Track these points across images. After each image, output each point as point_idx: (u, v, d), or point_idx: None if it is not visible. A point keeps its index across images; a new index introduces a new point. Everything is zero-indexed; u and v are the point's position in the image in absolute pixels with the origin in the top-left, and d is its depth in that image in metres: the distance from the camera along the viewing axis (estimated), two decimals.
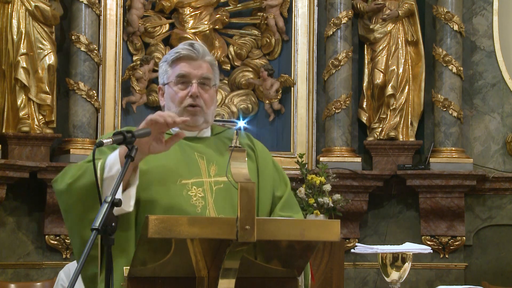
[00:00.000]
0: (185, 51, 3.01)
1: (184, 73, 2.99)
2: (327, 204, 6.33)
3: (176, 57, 3.02)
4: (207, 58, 3.04)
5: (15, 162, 6.21)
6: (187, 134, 3.01)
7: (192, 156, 2.96)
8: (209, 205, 2.88)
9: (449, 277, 7.02)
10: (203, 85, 3.00)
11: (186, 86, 2.99)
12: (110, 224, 2.39)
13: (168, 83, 3.03)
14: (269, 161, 3.12)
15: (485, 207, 7.11)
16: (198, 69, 3.00)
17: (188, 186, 2.88)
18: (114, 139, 2.59)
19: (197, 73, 3.00)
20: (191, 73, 2.99)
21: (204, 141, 3.04)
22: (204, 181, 2.92)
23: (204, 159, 2.97)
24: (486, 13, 7.24)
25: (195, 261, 2.51)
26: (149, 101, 7.06)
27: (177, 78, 3.00)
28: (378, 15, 7.15)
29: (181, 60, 3.01)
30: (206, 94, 3.01)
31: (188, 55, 3.00)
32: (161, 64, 3.08)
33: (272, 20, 7.25)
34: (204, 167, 2.95)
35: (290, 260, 2.62)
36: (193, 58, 3.01)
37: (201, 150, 3.00)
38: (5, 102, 6.40)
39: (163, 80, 3.07)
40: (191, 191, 2.88)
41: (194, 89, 2.97)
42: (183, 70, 3.00)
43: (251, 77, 7.31)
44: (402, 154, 7.06)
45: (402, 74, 7.11)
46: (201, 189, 2.90)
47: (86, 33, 6.63)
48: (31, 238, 6.52)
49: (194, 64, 3.00)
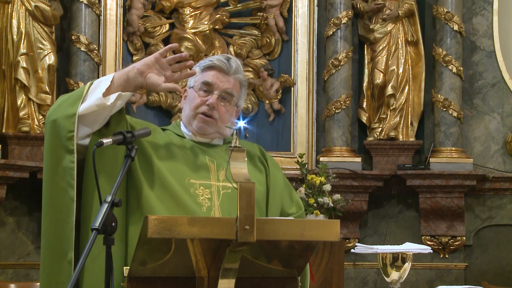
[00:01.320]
0: (219, 62, 3.03)
1: (210, 81, 3.01)
2: (327, 204, 6.33)
3: (208, 65, 3.04)
4: (238, 76, 3.05)
5: (15, 162, 6.21)
6: (200, 140, 3.05)
7: (203, 160, 2.98)
8: (214, 206, 2.89)
9: (449, 277, 7.02)
10: (223, 99, 3.01)
11: (207, 94, 3.00)
12: (110, 224, 2.39)
13: (193, 86, 3.05)
14: (280, 178, 3.14)
15: (485, 207, 7.11)
16: (225, 83, 3.01)
17: (196, 185, 2.90)
18: (114, 139, 2.60)
19: (222, 86, 3.01)
20: (215, 83, 3.00)
21: (216, 148, 3.06)
22: (212, 184, 2.94)
23: (214, 163, 2.99)
24: (486, 13, 7.24)
25: (195, 261, 2.52)
26: (149, 101, 7.06)
27: (201, 84, 3.01)
28: (378, 15, 7.15)
29: (212, 69, 3.03)
30: (224, 109, 3.01)
31: (220, 67, 3.02)
32: (195, 68, 3.09)
33: (272, 20, 7.25)
34: (213, 171, 2.97)
35: (290, 260, 2.62)
36: (224, 71, 3.02)
37: (212, 155, 3.01)
38: (5, 102, 6.41)
39: (190, 83, 3.08)
40: (198, 191, 2.90)
41: (212, 100, 2.98)
42: (210, 79, 3.01)
43: (251, 77, 7.31)
44: (402, 154, 7.07)
45: (402, 74, 7.11)
46: (208, 191, 2.91)
47: (86, 33, 6.63)
48: (31, 238, 6.53)
49: (222, 77, 3.02)
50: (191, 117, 3.01)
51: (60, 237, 2.79)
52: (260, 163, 3.11)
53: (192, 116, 3.00)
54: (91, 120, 2.80)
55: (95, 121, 2.81)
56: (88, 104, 2.79)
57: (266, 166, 3.11)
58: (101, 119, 2.82)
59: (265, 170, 3.10)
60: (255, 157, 3.12)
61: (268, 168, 3.11)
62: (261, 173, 3.08)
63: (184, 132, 3.06)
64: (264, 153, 3.16)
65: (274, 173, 3.11)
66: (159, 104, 7.12)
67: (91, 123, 2.81)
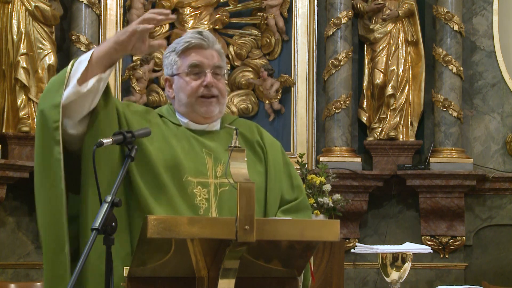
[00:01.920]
0: (195, 39, 2.92)
1: (197, 62, 2.91)
2: (327, 204, 6.33)
3: (186, 47, 2.93)
4: (216, 47, 2.96)
5: (15, 162, 6.21)
6: (196, 127, 2.97)
7: (200, 153, 2.91)
8: (211, 208, 2.87)
9: (449, 277, 7.01)
10: (216, 74, 2.93)
11: (198, 76, 2.91)
12: (110, 224, 2.39)
13: (178, 73, 2.94)
14: (279, 160, 3.05)
15: (485, 207, 7.11)
16: (211, 58, 2.92)
17: (193, 184, 2.85)
18: (114, 139, 2.59)
19: (210, 62, 2.92)
20: (204, 62, 2.91)
21: (213, 135, 2.98)
22: (210, 182, 2.88)
23: (211, 157, 2.92)
24: (486, 13, 7.24)
25: (195, 261, 2.51)
26: (149, 101, 7.06)
27: (189, 68, 2.92)
28: (378, 15, 7.15)
29: (191, 50, 2.93)
30: (220, 83, 2.93)
31: (199, 44, 2.92)
32: (168, 54, 2.98)
33: (272, 20, 7.25)
34: (211, 167, 2.90)
35: (290, 260, 2.62)
36: (204, 47, 2.93)
37: (210, 146, 2.93)
38: (5, 102, 6.41)
39: (171, 70, 2.96)
40: (196, 190, 2.85)
41: (210, 79, 2.90)
42: (196, 60, 2.91)
43: (251, 77, 7.31)
44: (402, 154, 7.06)
45: (402, 74, 7.11)
46: (206, 190, 2.86)
47: (86, 33, 6.63)
48: (31, 238, 6.53)
49: (205, 53, 2.92)
50: (192, 104, 2.92)
51: (55, 230, 2.70)
52: (259, 148, 3.03)
53: (193, 102, 2.91)
54: (76, 107, 2.72)
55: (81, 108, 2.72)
56: (67, 92, 2.72)
57: (264, 149, 3.03)
58: (86, 106, 2.73)
59: (264, 156, 3.02)
60: (254, 142, 3.03)
61: (266, 152, 3.02)
62: (260, 162, 3.00)
63: (180, 120, 2.98)
64: (262, 133, 3.07)
65: (272, 156, 3.03)
66: (159, 104, 7.12)
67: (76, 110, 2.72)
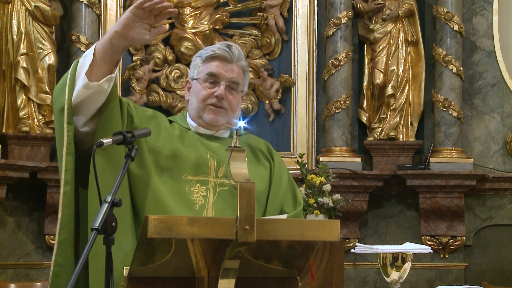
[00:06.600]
0: (221, 51, 3.00)
1: (215, 72, 2.99)
2: (327, 204, 6.33)
3: (211, 55, 3.01)
4: (241, 63, 3.04)
5: (15, 162, 6.21)
6: (205, 132, 3.03)
7: (204, 155, 2.97)
8: (208, 204, 2.89)
9: (449, 277, 7.02)
10: (230, 89, 3.00)
11: (213, 86, 2.99)
12: (110, 224, 2.39)
13: (197, 78, 3.02)
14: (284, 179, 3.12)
15: (485, 207, 7.11)
16: (230, 72, 3.00)
17: (193, 182, 2.90)
18: (114, 139, 2.60)
19: (228, 75, 2.99)
20: (221, 74, 2.99)
21: (220, 140, 3.04)
22: (210, 181, 2.93)
23: (215, 159, 2.97)
24: (486, 13, 7.24)
25: (195, 261, 2.51)
26: (149, 101, 7.06)
27: (206, 76, 3.00)
28: (378, 15, 7.15)
29: (215, 59, 3.00)
30: (232, 98, 3.00)
31: (223, 56, 3.00)
32: (195, 58, 3.07)
33: (272, 20, 7.25)
34: (213, 167, 2.95)
35: (290, 260, 2.62)
36: (227, 60, 3.00)
37: (214, 150, 3.00)
38: (5, 102, 6.41)
39: (193, 74, 3.06)
40: (194, 187, 2.89)
41: (221, 91, 2.97)
42: (215, 70, 2.99)
43: (251, 77, 7.30)
44: (402, 154, 7.06)
45: (402, 74, 7.11)
46: (204, 188, 2.90)
47: (86, 33, 6.63)
48: (31, 238, 6.52)
49: (226, 66, 3.00)
50: (201, 109, 3.00)
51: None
52: (265, 159, 3.10)
53: (201, 108, 2.99)
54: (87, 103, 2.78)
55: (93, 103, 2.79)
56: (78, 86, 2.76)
57: (272, 163, 3.11)
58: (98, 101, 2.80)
59: (270, 167, 3.09)
60: (260, 152, 3.11)
61: (273, 166, 3.10)
62: (265, 169, 3.07)
63: (190, 124, 3.06)
64: (271, 151, 3.15)
65: (279, 172, 3.11)
66: (159, 104, 7.13)
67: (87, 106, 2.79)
